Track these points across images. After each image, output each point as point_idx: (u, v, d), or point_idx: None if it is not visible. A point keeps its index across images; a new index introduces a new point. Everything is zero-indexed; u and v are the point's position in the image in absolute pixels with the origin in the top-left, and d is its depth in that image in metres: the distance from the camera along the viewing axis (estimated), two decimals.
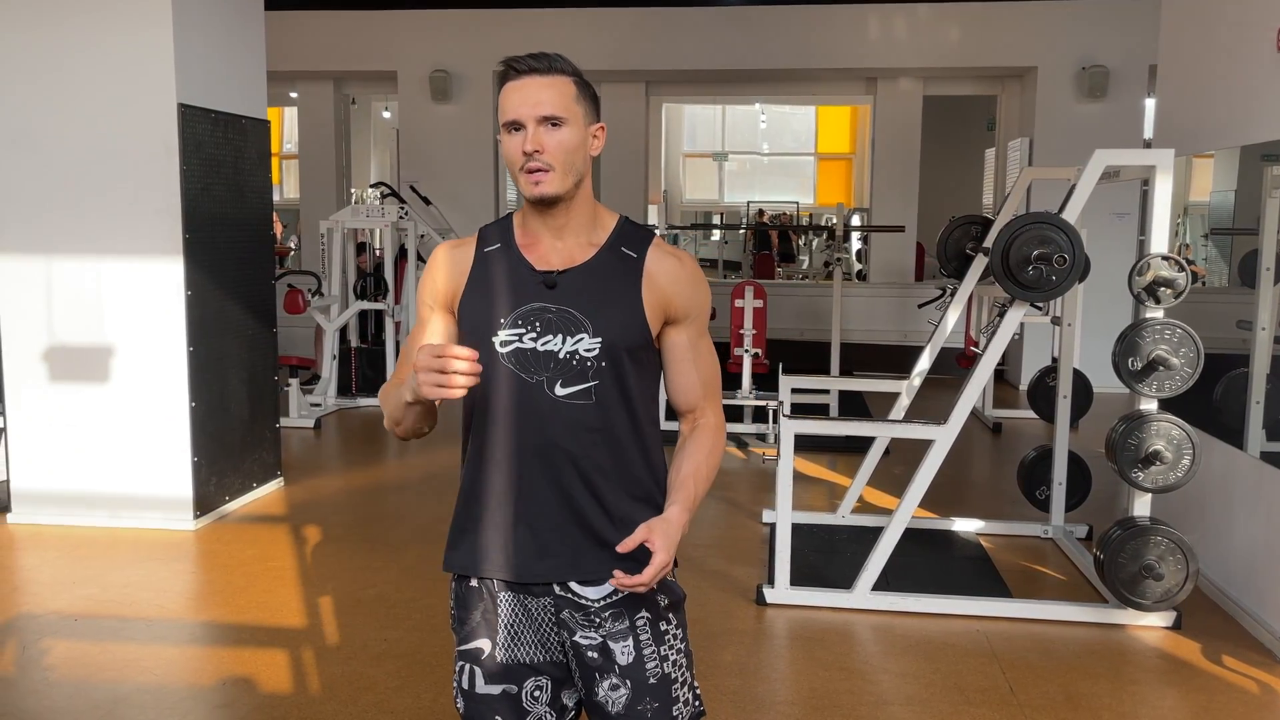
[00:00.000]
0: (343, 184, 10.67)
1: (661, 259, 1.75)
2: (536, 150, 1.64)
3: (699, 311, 1.79)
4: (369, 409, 8.04)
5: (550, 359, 1.69)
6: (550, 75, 1.67)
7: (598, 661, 1.75)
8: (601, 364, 1.69)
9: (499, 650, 1.78)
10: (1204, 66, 4.55)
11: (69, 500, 5.01)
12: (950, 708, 3.27)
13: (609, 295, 1.71)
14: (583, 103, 1.70)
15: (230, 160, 5.18)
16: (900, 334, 9.55)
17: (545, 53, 1.71)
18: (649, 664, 1.76)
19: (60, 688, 3.36)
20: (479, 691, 1.80)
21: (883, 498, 5.50)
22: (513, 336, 1.69)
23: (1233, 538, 4.10)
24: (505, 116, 1.68)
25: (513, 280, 1.73)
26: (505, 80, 1.69)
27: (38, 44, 4.82)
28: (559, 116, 1.66)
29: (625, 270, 1.73)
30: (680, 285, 1.75)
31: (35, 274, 4.93)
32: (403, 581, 4.28)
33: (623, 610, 1.75)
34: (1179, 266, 3.74)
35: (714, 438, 1.81)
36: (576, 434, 1.69)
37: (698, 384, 1.80)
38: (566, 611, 1.76)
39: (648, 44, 9.45)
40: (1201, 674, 3.55)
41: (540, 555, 1.74)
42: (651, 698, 1.76)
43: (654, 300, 1.73)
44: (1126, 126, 8.76)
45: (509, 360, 1.70)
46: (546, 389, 1.69)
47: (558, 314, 1.69)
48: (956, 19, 9.17)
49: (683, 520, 1.70)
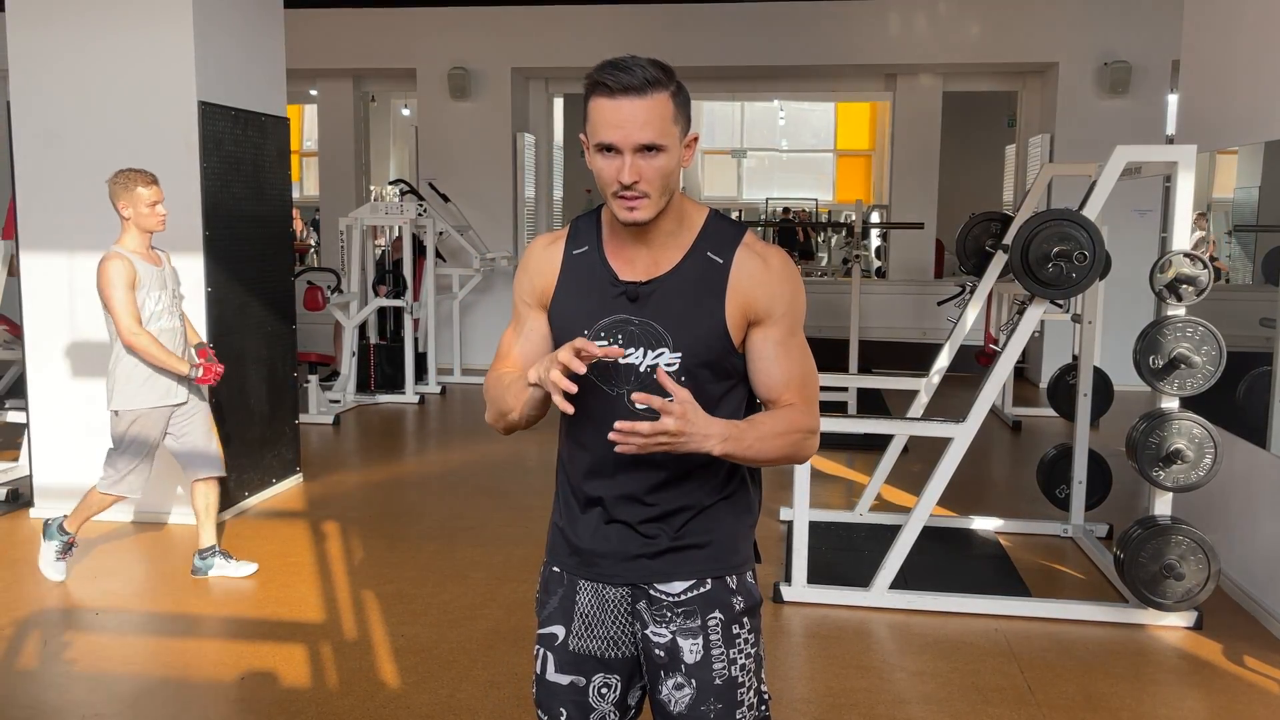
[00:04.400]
0: (362, 181, 10.71)
1: (747, 262, 1.69)
2: (635, 180, 1.58)
3: (785, 310, 1.71)
4: (387, 405, 8.07)
5: (631, 372, 1.68)
6: (648, 96, 1.56)
7: (664, 660, 1.76)
8: (681, 379, 1.66)
9: (572, 638, 1.81)
10: (1227, 61, 4.51)
11: None
12: (968, 707, 3.25)
13: (692, 309, 1.67)
14: (680, 119, 1.61)
15: (250, 158, 5.21)
16: (919, 331, 9.50)
17: (639, 63, 1.57)
18: (716, 665, 1.76)
19: (81, 681, 3.39)
20: (549, 679, 1.83)
21: (901, 496, 5.48)
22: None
23: (1255, 537, 4.06)
24: (598, 137, 1.58)
25: (597, 290, 1.70)
26: (595, 93, 1.58)
27: (60, 43, 4.86)
28: (658, 144, 1.58)
29: (711, 280, 1.68)
30: (763, 287, 1.69)
31: (58, 271, 4.98)
32: (421, 577, 4.30)
33: (696, 609, 1.76)
34: (1201, 263, 3.71)
35: (794, 415, 1.71)
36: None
37: (779, 381, 1.72)
38: (642, 604, 1.78)
39: (666, 40, 9.43)
40: (1223, 674, 3.52)
41: (625, 559, 1.76)
42: (716, 699, 1.75)
43: (737, 307, 1.68)
44: (1149, 122, 8.68)
45: (592, 372, 1.66)
46: (627, 401, 1.68)
47: (640, 327, 1.68)
48: (977, 14, 9.12)
49: (721, 431, 1.59)
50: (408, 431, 7.43)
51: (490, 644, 3.65)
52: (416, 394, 8.19)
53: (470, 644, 3.65)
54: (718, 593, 1.76)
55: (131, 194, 3.99)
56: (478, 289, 9.47)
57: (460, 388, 8.87)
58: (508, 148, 9.75)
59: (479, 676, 3.40)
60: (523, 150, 9.90)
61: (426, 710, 3.18)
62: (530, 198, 10.17)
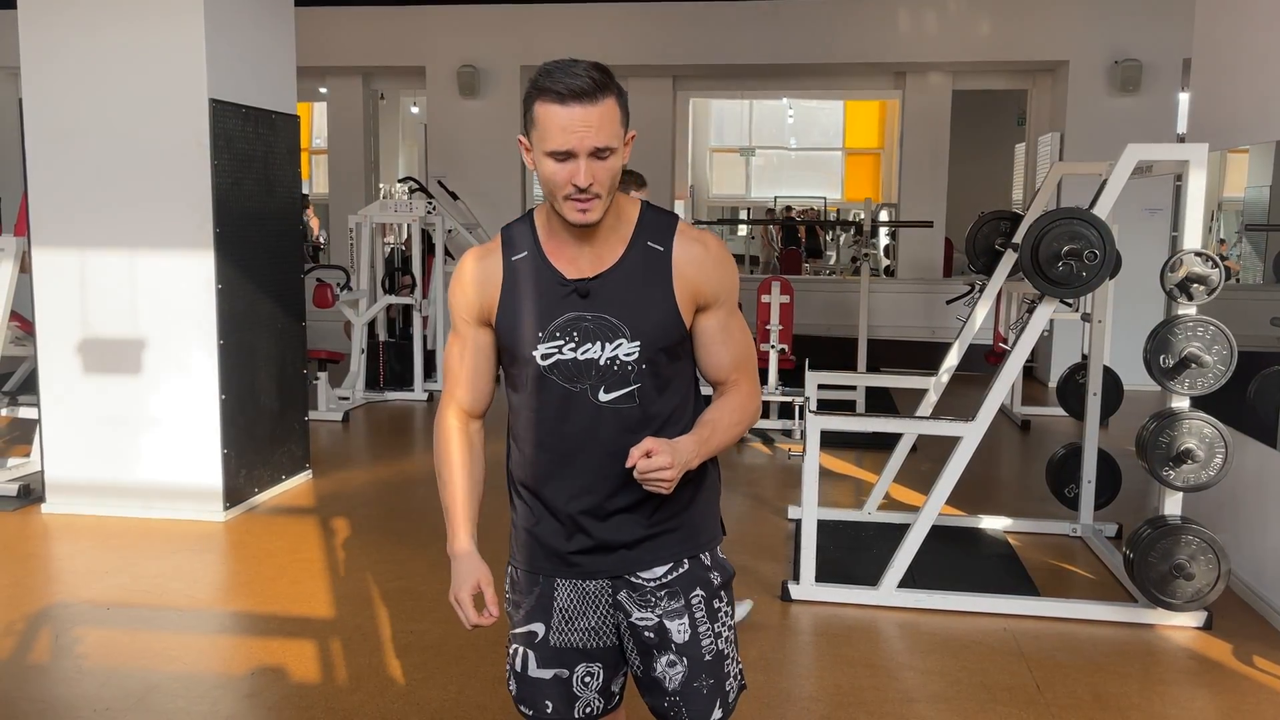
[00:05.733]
0: (371, 179, 10.73)
1: (687, 248, 1.75)
2: (590, 183, 1.62)
3: (728, 293, 1.79)
4: (396, 403, 8.09)
5: (591, 366, 1.71)
6: (599, 101, 1.59)
7: (654, 640, 1.80)
8: (642, 366, 1.71)
9: (553, 634, 1.83)
10: (1239, 59, 4.49)
11: (102, 491, 5.08)
12: (976, 706, 3.25)
13: (643, 297, 1.72)
14: (624, 120, 1.66)
15: (260, 155, 5.22)
16: (928, 330, 9.48)
17: (585, 68, 1.61)
18: (704, 641, 1.81)
19: (92, 676, 3.40)
20: (531, 675, 1.85)
21: (909, 495, 5.47)
22: (553, 349, 1.71)
23: (1265, 537, 4.05)
24: (550, 145, 1.60)
25: (545, 291, 1.73)
26: (543, 99, 1.60)
27: (72, 41, 4.88)
28: (610, 147, 1.62)
29: (655, 267, 1.73)
30: (707, 272, 1.75)
31: (69, 268, 5.00)
32: (429, 574, 4.31)
33: (678, 589, 1.81)
34: (1212, 262, 3.70)
35: (741, 399, 1.81)
36: (622, 435, 1.72)
37: (728, 363, 1.81)
38: (624, 593, 1.81)
39: (675, 38, 9.43)
40: (1232, 675, 3.51)
41: (602, 554, 1.79)
42: (707, 674, 1.81)
43: (685, 292, 1.74)
44: (1160, 121, 8.65)
45: (552, 372, 1.72)
46: (590, 395, 1.72)
47: (594, 321, 1.71)
48: (987, 12, 9.09)
49: (690, 448, 1.69)
50: (416, 429, 7.44)
51: (498, 640, 3.64)
52: (425, 391, 8.21)
53: (478, 640, 3.65)
54: (696, 570, 1.82)
55: None
56: None
57: None
58: (516, 146, 9.73)
59: (487, 673, 3.40)
60: None
61: (435, 706, 3.18)
62: (539, 196, 10.15)
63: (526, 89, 1.65)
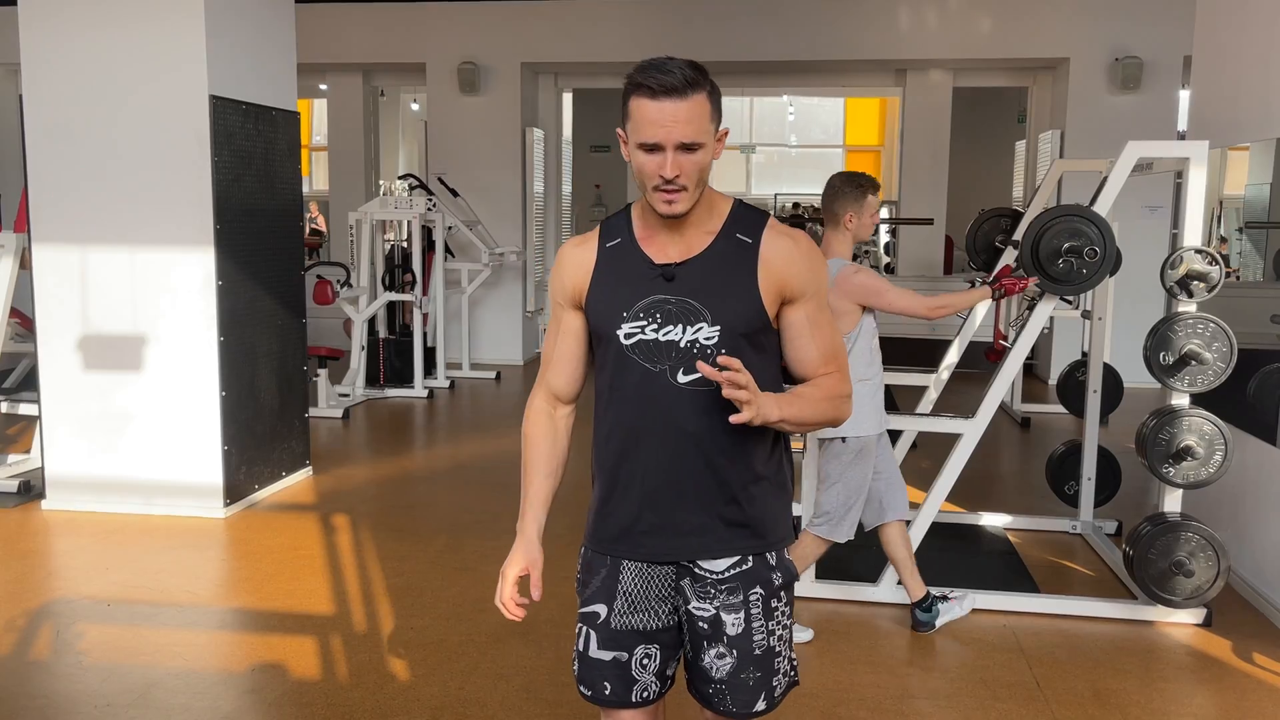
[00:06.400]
0: (371, 176, 10.72)
1: (775, 241, 1.80)
2: (676, 175, 1.68)
3: (815, 288, 1.82)
4: (396, 400, 8.09)
5: (672, 348, 1.76)
6: (688, 97, 1.66)
7: (708, 631, 1.85)
8: (721, 351, 1.75)
9: (614, 616, 1.87)
10: (1239, 57, 4.48)
11: (102, 487, 5.08)
12: (976, 703, 3.25)
13: (726, 284, 1.77)
14: (714, 117, 1.72)
15: (261, 152, 5.22)
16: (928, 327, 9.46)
17: (679, 65, 1.68)
18: (756, 636, 1.85)
19: (93, 672, 3.41)
20: (591, 655, 1.89)
21: (910, 492, 5.45)
22: (636, 329, 1.78)
23: (1265, 534, 4.05)
24: (641, 137, 1.69)
25: (633, 274, 1.80)
26: (637, 93, 1.68)
27: (72, 37, 4.88)
28: (698, 142, 1.68)
29: (741, 257, 1.78)
30: (796, 265, 1.79)
31: (70, 264, 5.00)
32: (430, 571, 4.31)
33: (739, 585, 1.84)
34: (1212, 260, 3.70)
35: (831, 384, 1.83)
36: (699, 418, 1.77)
37: (816, 357, 1.84)
38: (686, 580, 1.86)
39: (675, 35, 9.41)
40: (1232, 671, 3.51)
41: (671, 536, 1.83)
42: (755, 667, 1.85)
43: (770, 283, 1.78)
44: (1160, 118, 8.64)
45: (634, 351, 1.78)
46: (669, 376, 1.77)
47: (677, 305, 1.76)
48: (987, 9, 9.08)
49: (770, 401, 1.69)
50: (416, 426, 7.44)
51: (499, 637, 3.66)
52: (425, 388, 8.21)
53: (479, 637, 3.66)
54: (759, 569, 1.85)
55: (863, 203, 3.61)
56: (486, 284, 9.48)
57: (469, 382, 8.89)
58: (517, 143, 9.76)
59: (488, 669, 3.41)
60: (532, 145, 9.91)
61: (435, 702, 3.19)
62: (539, 193, 10.17)
63: (624, 84, 1.72)
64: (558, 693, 3.25)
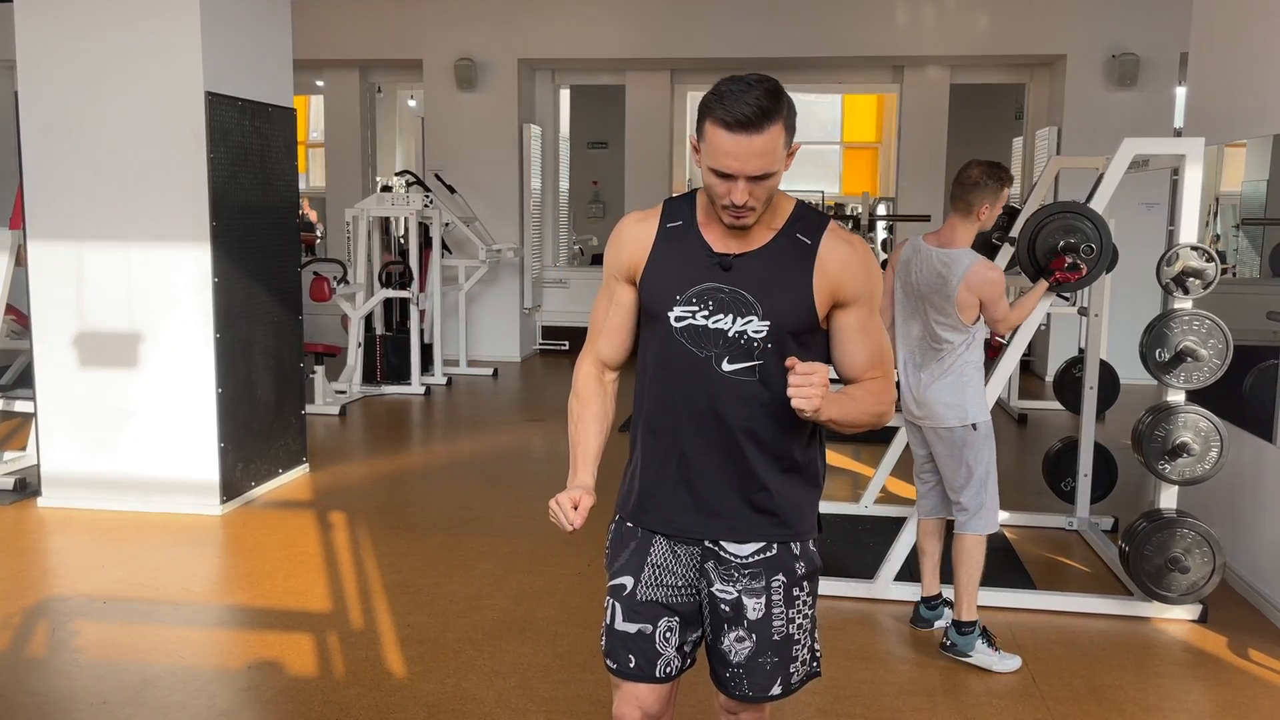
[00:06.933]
0: (368, 172, 10.70)
1: (834, 245, 1.81)
2: (746, 202, 1.71)
3: (869, 294, 1.84)
4: (393, 396, 8.08)
5: (720, 336, 1.79)
6: (763, 131, 1.66)
7: (729, 614, 1.89)
8: (768, 345, 1.78)
9: (640, 588, 1.91)
10: (1236, 54, 4.49)
11: (98, 484, 5.08)
12: (972, 699, 3.26)
13: (781, 280, 1.79)
14: (788, 140, 1.73)
15: (257, 148, 5.21)
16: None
17: (756, 95, 1.65)
18: (775, 622, 1.89)
19: (89, 669, 3.41)
20: (617, 628, 1.93)
21: (906, 488, 5.47)
22: (687, 313, 1.80)
23: (1261, 531, 4.06)
24: (714, 163, 1.70)
25: (691, 259, 1.82)
26: (713, 121, 1.67)
27: (67, 33, 4.87)
28: (771, 172, 1.71)
29: (799, 256, 1.80)
30: (851, 270, 1.81)
31: (65, 261, 4.99)
32: (426, 567, 4.31)
33: (762, 570, 1.88)
34: (1208, 257, 3.70)
35: (878, 387, 1.86)
36: (739, 406, 1.80)
37: (865, 361, 1.86)
38: (711, 563, 1.89)
39: (673, 32, 9.41)
40: (1227, 668, 3.52)
41: (700, 514, 1.87)
42: (773, 653, 1.90)
43: (824, 286, 1.80)
44: (1157, 115, 8.65)
45: (682, 335, 1.81)
46: (714, 364, 1.80)
47: (730, 295, 1.79)
48: (985, 6, 9.08)
49: (831, 406, 1.72)
50: (413, 422, 7.44)
51: (496, 634, 3.66)
52: (422, 385, 8.21)
53: (475, 634, 3.66)
54: (783, 557, 1.90)
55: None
56: (483, 280, 9.48)
57: (466, 379, 8.88)
58: (514, 139, 9.74)
59: (484, 666, 3.41)
60: (529, 142, 9.90)
61: (432, 699, 3.19)
62: (536, 189, 10.16)
63: (703, 98, 1.71)
64: (554, 689, 3.25)
